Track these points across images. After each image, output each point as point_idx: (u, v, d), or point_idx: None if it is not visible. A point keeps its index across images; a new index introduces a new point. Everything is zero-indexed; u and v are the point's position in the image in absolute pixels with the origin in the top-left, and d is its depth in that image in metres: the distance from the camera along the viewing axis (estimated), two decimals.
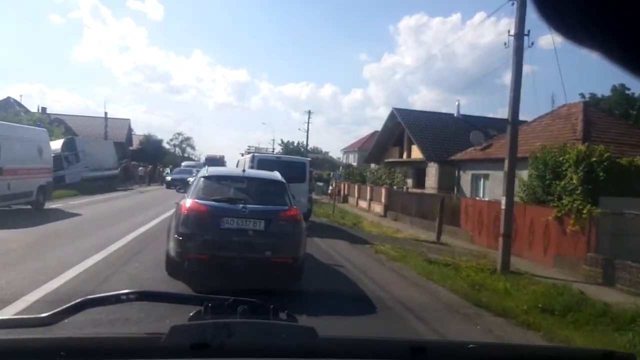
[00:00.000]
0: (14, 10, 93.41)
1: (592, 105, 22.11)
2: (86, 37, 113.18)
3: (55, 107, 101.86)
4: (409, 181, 29.20)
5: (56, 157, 23.68)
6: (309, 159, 18.40)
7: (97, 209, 16.83)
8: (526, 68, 11.54)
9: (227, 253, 6.62)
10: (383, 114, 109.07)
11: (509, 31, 11.14)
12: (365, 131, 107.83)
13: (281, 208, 7.09)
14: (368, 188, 29.30)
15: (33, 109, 42.27)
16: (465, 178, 23.49)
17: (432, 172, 26.84)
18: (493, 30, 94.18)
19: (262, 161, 13.83)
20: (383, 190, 26.14)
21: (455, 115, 31.66)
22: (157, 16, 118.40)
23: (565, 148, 13.82)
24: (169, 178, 35.60)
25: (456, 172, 23.99)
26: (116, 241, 9.71)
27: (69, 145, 26.01)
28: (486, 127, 27.46)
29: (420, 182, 28.17)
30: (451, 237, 16.14)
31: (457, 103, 32.34)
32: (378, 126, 51.74)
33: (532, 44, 11.10)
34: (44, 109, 44.70)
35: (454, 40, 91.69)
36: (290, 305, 1.91)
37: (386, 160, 33.01)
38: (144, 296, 2.11)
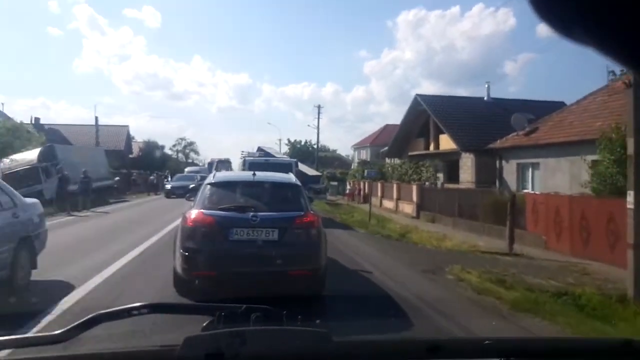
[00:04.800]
0: (11, 25, 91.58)
1: None
2: (85, 48, 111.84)
3: (59, 120, 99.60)
4: (440, 176, 25.75)
5: (32, 169, 20.60)
6: (295, 159, 18.91)
7: (65, 234, 12.79)
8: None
9: (237, 268, 6.07)
10: (386, 109, 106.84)
11: None
12: (370, 127, 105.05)
13: (296, 214, 6.50)
14: (394, 186, 25.64)
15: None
16: (509, 169, 20.39)
17: (467, 164, 23.48)
18: (492, 21, 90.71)
19: (252, 164, 14.58)
20: (414, 188, 22.60)
21: (485, 99, 28.19)
22: (155, 24, 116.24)
23: None
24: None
25: (497, 162, 20.76)
26: (71, 292, 6.41)
27: (47, 155, 22.26)
28: (522, 110, 23.96)
29: (453, 176, 24.84)
30: (516, 242, 12.64)
31: (486, 85, 28.60)
32: (382, 122, 48.53)
33: None
34: (37, 119, 43.71)
35: (454, 32, 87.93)
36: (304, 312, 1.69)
37: (410, 154, 29.66)
38: (156, 309, 1.95)
